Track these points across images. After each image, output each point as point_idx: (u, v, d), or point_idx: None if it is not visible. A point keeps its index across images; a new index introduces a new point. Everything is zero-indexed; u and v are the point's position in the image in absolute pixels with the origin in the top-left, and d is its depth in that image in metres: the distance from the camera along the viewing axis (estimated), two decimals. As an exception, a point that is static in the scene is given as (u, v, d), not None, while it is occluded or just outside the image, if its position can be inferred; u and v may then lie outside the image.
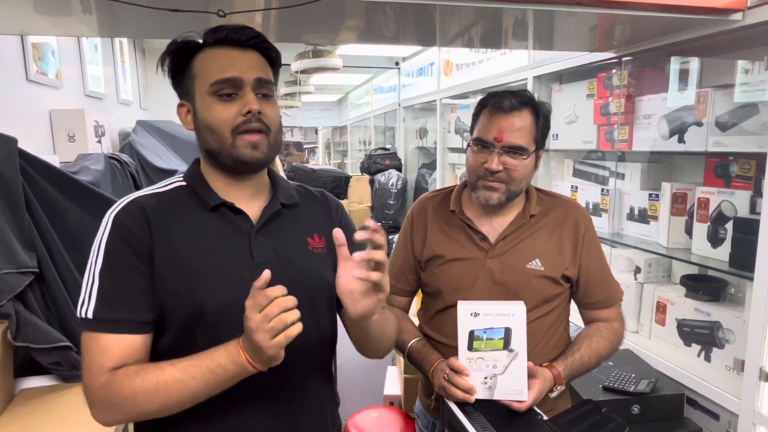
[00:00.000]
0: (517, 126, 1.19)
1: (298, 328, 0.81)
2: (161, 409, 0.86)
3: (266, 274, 0.80)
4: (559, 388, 1.21)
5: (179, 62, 0.96)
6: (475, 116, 1.28)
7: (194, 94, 0.95)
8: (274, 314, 0.79)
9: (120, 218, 0.91)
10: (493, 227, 1.30)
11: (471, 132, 1.29)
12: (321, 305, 1.02)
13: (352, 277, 0.86)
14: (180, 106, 0.99)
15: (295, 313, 0.80)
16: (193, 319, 0.90)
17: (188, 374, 0.84)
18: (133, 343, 0.89)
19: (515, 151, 1.20)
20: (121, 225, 0.90)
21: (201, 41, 0.96)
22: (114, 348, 0.87)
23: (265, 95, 0.95)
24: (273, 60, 0.99)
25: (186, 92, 0.97)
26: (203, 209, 0.96)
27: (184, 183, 1.00)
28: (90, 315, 0.87)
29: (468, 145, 1.27)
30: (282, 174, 1.01)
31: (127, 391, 0.84)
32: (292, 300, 0.80)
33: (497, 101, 1.20)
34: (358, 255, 0.83)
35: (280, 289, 0.80)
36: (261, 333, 0.79)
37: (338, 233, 0.87)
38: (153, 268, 0.90)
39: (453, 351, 1.18)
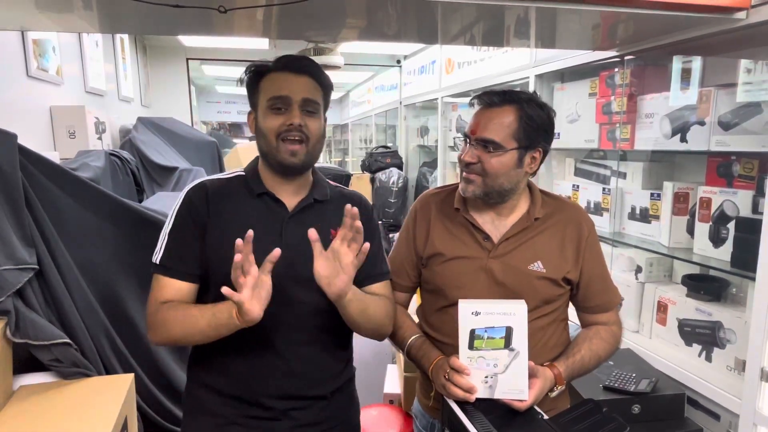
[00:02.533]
0: (494, 121, 1.21)
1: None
2: (182, 335, 1.14)
3: (276, 252, 1.04)
4: (559, 387, 1.21)
5: (252, 81, 1.22)
6: None
7: (258, 106, 1.21)
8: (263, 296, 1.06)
9: (189, 195, 1.22)
10: (496, 227, 1.30)
11: None
12: None
13: (324, 265, 1.09)
14: (249, 113, 1.25)
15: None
16: (229, 279, 1.07)
17: (200, 311, 1.12)
18: (181, 287, 1.18)
19: (486, 144, 1.21)
20: (189, 200, 1.21)
21: (270, 66, 1.20)
22: (167, 288, 1.18)
23: (309, 112, 1.18)
24: (324, 84, 1.22)
25: (254, 104, 1.23)
26: (251, 195, 1.22)
27: (243, 173, 1.27)
28: (158, 261, 1.19)
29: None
30: None
31: (163, 317, 1.14)
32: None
33: (480, 97, 1.25)
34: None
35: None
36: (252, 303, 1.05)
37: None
38: (205, 236, 1.18)
39: (453, 349, 1.18)
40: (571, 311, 1.38)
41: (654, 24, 1.59)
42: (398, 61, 5.35)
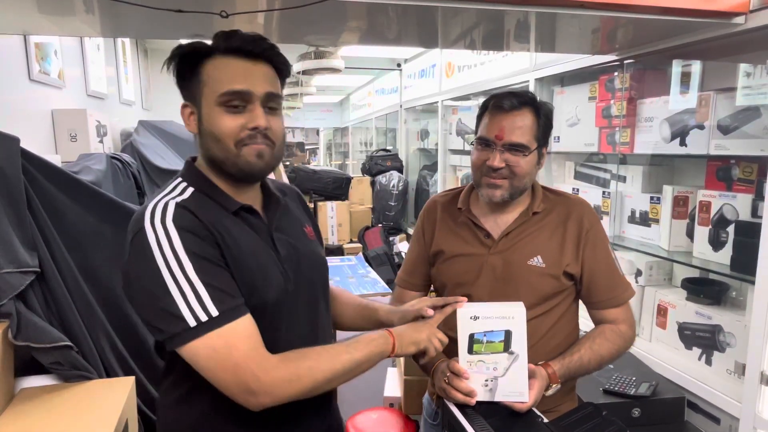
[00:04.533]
0: (518, 124, 1.23)
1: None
2: (331, 378, 0.93)
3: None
4: (554, 386, 1.20)
5: (188, 65, 0.96)
6: (479, 118, 1.32)
7: (201, 100, 0.95)
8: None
9: (180, 222, 0.89)
10: (497, 224, 1.32)
11: (476, 133, 1.33)
12: (327, 284, 1.16)
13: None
14: (184, 107, 0.99)
15: None
16: (255, 314, 0.92)
17: (351, 347, 0.96)
18: (250, 318, 0.91)
19: (516, 148, 1.23)
20: (188, 227, 0.89)
21: (211, 46, 0.95)
22: (254, 328, 0.90)
23: (271, 108, 0.97)
24: (282, 72, 1.01)
25: (192, 95, 0.97)
26: (225, 214, 0.97)
27: (193, 189, 0.98)
28: (215, 313, 0.86)
29: (472, 144, 1.31)
30: (284, 175, 1.10)
31: (308, 363, 0.91)
32: None
33: (498, 101, 1.25)
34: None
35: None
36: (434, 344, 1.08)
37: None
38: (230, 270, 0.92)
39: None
40: (585, 320, 1.38)
41: (653, 29, 1.60)
42: (398, 65, 5.36)
